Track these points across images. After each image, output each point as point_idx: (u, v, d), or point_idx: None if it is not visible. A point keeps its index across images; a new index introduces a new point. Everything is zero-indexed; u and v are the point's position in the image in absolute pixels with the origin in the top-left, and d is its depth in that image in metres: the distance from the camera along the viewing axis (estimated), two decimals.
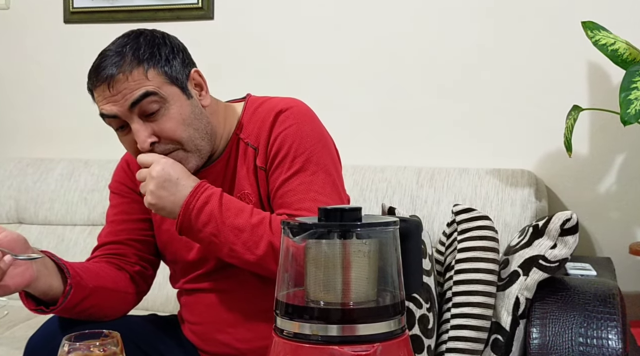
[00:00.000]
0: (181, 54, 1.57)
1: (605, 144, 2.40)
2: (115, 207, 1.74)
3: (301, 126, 1.57)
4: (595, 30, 2.10)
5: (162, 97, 1.49)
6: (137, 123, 1.49)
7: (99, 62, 1.52)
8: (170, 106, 1.50)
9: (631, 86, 1.89)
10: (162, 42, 1.54)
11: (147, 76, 1.49)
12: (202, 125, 1.56)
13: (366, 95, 2.63)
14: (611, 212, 2.40)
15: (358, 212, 0.99)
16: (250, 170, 1.60)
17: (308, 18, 2.69)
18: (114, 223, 1.72)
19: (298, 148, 1.55)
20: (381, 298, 0.99)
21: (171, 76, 1.52)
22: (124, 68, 1.48)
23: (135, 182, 1.65)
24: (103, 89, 1.49)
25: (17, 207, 2.77)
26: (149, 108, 1.48)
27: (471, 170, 2.34)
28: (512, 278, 1.74)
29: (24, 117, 3.06)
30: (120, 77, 1.47)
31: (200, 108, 1.57)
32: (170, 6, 2.83)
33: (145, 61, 1.49)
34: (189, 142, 1.53)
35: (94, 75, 1.52)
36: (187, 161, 1.54)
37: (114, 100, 1.48)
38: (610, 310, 1.60)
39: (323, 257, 0.98)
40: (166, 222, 1.66)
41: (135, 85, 1.48)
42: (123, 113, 1.49)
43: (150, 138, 1.50)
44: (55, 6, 2.97)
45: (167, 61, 1.52)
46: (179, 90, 1.53)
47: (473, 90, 2.51)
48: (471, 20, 2.51)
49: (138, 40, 1.53)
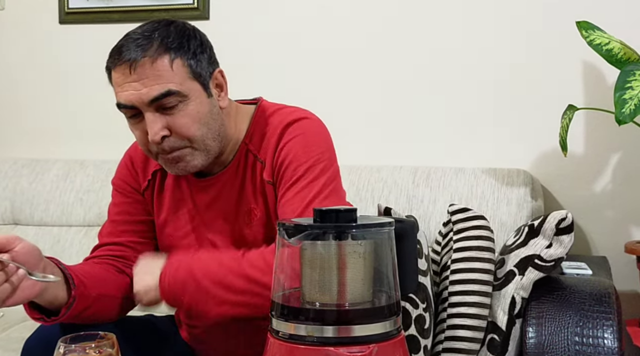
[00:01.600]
0: (208, 51, 1.55)
1: (601, 143, 2.40)
2: (117, 205, 1.71)
3: (307, 136, 1.55)
4: (589, 30, 2.10)
5: (183, 94, 1.46)
6: (152, 114, 1.46)
7: (123, 41, 1.48)
8: (189, 102, 1.48)
9: (626, 86, 1.89)
10: (192, 35, 1.52)
11: (172, 66, 1.45)
12: (216, 125, 1.53)
13: (362, 95, 2.63)
14: (606, 211, 2.41)
15: (353, 213, 1.00)
16: (257, 185, 1.58)
17: (303, 19, 2.69)
18: (115, 223, 1.69)
19: (301, 156, 1.53)
20: (377, 299, 1.00)
21: (195, 71, 1.49)
22: (150, 53, 1.44)
23: (139, 181, 1.68)
24: (124, 70, 1.45)
25: (13, 208, 2.76)
26: (167, 103, 1.46)
27: (467, 169, 2.35)
28: (508, 278, 1.74)
29: (19, 117, 3.05)
30: (145, 61, 1.44)
31: (217, 108, 1.55)
32: (165, 6, 2.83)
33: (173, 50, 1.46)
34: (200, 141, 1.50)
35: (116, 53, 1.47)
36: (193, 158, 1.52)
37: (133, 86, 1.45)
38: (606, 309, 1.60)
39: (318, 258, 0.99)
40: (169, 225, 1.66)
41: (157, 76, 1.44)
42: (140, 105, 1.46)
43: (163, 131, 1.47)
44: (51, 7, 2.96)
45: (195, 55, 1.49)
46: (200, 86, 1.50)
47: (469, 90, 2.52)
48: (467, 20, 2.51)
49: (168, 28, 1.49)
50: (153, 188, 1.68)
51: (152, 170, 1.68)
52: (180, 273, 1.45)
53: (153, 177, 1.68)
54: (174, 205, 1.66)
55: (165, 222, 1.66)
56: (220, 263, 1.46)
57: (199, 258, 1.49)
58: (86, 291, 1.48)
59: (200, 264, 1.47)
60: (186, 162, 1.51)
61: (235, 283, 1.42)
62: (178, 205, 1.65)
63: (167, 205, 1.67)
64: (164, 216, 1.67)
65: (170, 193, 1.66)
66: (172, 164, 1.52)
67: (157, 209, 1.68)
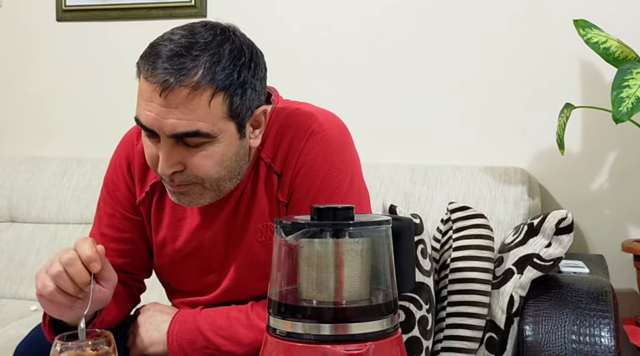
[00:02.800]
0: (259, 84, 1.32)
1: (598, 142, 2.41)
2: (108, 215, 1.55)
3: (331, 156, 1.40)
4: (587, 29, 2.11)
5: (212, 136, 1.28)
6: (170, 146, 1.28)
7: (163, 47, 1.25)
8: (215, 143, 1.29)
9: (623, 84, 1.89)
10: (246, 64, 1.28)
11: (210, 103, 1.24)
12: (238, 166, 1.36)
13: (359, 93, 2.63)
14: (604, 209, 2.41)
15: (350, 210, 0.99)
16: (274, 201, 1.43)
17: (300, 16, 2.70)
18: (105, 238, 1.52)
19: (322, 182, 1.39)
20: (374, 297, 0.99)
21: (235, 110, 1.28)
22: (190, 82, 1.22)
23: (134, 192, 1.52)
24: (155, 87, 1.23)
25: (10, 205, 2.76)
26: (190, 142, 1.28)
27: (464, 167, 2.35)
28: (506, 276, 1.74)
29: (16, 115, 3.05)
30: (181, 91, 1.22)
31: (246, 149, 1.36)
32: (162, 4, 2.83)
33: (217, 83, 1.24)
34: (214, 182, 1.34)
35: (152, 62, 1.24)
36: (202, 197, 1.36)
37: (158, 111, 1.24)
38: (603, 307, 1.60)
39: (316, 255, 0.98)
40: (168, 245, 1.52)
41: (190, 110, 1.24)
42: (160, 133, 1.27)
43: (177, 167, 1.30)
44: (48, 4, 2.96)
45: (242, 88, 1.27)
46: (235, 127, 1.30)
47: (466, 88, 2.52)
48: (464, 19, 2.52)
49: (221, 49, 1.26)
50: (150, 203, 1.52)
51: (151, 181, 1.50)
52: (188, 329, 1.44)
53: (152, 189, 1.50)
54: (175, 222, 1.50)
55: (165, 240, 1.52)
56: (228, 316, 1.44)
57: (207, 313, 1.46)
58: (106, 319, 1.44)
59: (208, 319, 1.44)
60: (192, 197, 1.36)
61: (244, 335, 1.41)
62: (179, 223, 1.50)
63: (166, 222, 1.51)
64: (163, 234, 1.52)
65: (171, 209, 1.50)
66: (177, 195, 1.37)
67: (154, 226, 1.52)
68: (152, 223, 1.53)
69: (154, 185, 1.49)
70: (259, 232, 1.45)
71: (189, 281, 1.55)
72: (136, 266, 1.58)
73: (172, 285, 1.61)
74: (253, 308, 1.44)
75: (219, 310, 1.46)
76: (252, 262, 1.47)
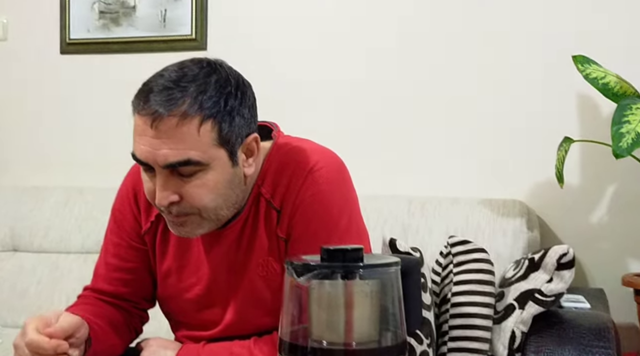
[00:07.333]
0: (247, 112, 1.36)
1: (597, 175, 2.42)
2: (114, 244, 1.58)
3: (329, 195, 1.42)
4: (585, 64, 2.13)
5: (203, 164, 1.31)
6: (165, 177, 1.32)
7: (155, 84, 1.30)
8: (208, 171, 1.32)
9: (623, 119, 1.91)
10: (233, 92, 1.33)
11: (199, 130, 1.28)
12: (233, 194, 1.38)
13: (357, 125, 2.65)
14: (603, 242, 2.42)
15: (360, 251, 1.00)
16: (273, 236, 1.44)
17: (299, 50, 2.73)
18: (109, 268, 1.57)
19: (320, 220, 1.40)
20: (383, 339, 1.00)
21: (224, 137, 1.31)
22: (178, 111, 1.27)
23: (140, 221, 1.55)
24: (146, 120, 1.28)
25: (12, 235, 2.77)
26: (184, 171, 1.31)
27: (462, 199, 2.36)
28: (507, 312, 1.74)
29: (20, 145, 3.07)
30: (170, 120, 1.27)
31: (240, 177, 1.38)
32: (164, 38, 2.87)
33: (205, 111, 1.28)
34: (212, 211, 1.36)
35: (144, 97, 1.30)
36: (200, 227, 1.39)
37: (151, 143, 1.29)
38: (605, 343, 1.60)
39: (326, 297, 0.99)
40: (172, 275, 1.54)
41: (180, 140, 1.28)
42: (154, 165, 1.31)
43: (172, 197, 1.33)
44: (52, 37, 3.00)
45: (230, 116, 1.31)
46: (226, 154, 1.33)
47: (465, 121, 2.54)
48: (465, 51, 2.54)
49: (208, 79, 1.31)
50: (155, 233, 1.54)
51: (156, 211, 1.49)
52: None
53: (157, 219, 1.52)
54: (180, 254, 1.52)
55: (169, 271, 1.54)
56: (231, 352, 1.44)
57: (210, 349, 1.46)
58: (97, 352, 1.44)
59: (211, 355, 1.45)
60: (191, 228, 1.38)
61: None
62: (184, 254, 1.51)
63: (171, 253, 1.53)
64: (168, 264, 1.54)
65: (176, 240, 1.51)
66: (176, 226, 1.39)
67: (159, 256, 1.55)
68: (156, 253, 1.55)
69: (159, 215, 1.50)
70: (260, 266, 1.46)
71: (190, 314, 1.55)
72: (139, 295, 1.59)
73: (174, 316, 1.61)
74: (256, 344, 1.44)
75: (222, 345, 1.46)
76: (254, 297, 1.47)
